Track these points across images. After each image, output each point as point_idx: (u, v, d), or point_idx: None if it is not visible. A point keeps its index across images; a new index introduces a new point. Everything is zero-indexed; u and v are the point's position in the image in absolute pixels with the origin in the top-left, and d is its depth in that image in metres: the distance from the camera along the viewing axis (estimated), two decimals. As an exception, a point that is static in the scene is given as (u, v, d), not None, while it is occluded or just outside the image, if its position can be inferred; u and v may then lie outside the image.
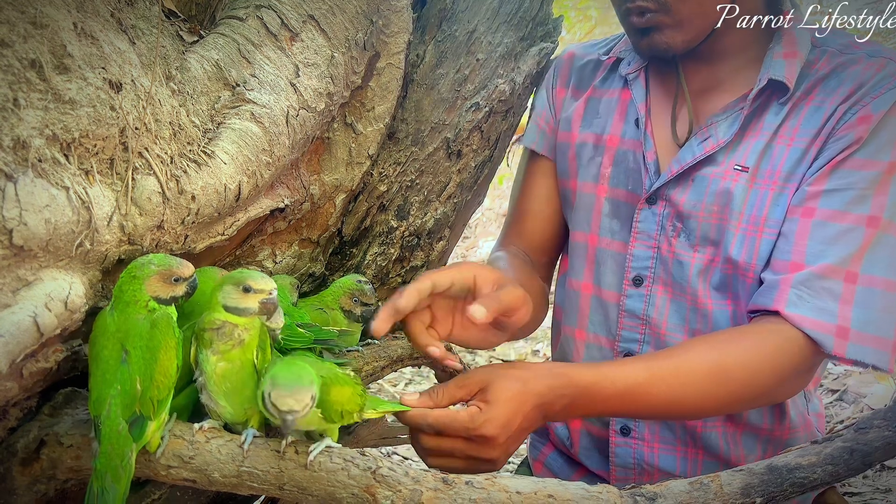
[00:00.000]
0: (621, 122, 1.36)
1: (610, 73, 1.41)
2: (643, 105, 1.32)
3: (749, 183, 1.21)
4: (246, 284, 0.91)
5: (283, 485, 0.90)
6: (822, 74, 1.20)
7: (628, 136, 1.34)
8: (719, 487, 0.89)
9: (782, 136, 1.20)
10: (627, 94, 1.36)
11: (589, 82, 1.43)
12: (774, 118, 1.21)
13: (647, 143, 1.30)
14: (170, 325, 0.89)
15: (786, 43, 1.21)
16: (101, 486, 0.85)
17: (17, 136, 0.77)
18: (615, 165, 1.34)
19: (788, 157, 1.19)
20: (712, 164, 1.23)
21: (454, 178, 1.41)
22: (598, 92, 1.41)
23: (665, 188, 1.27)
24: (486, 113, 1.37)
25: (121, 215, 0.89)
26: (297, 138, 1.12)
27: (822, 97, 1.19)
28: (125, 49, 0.90)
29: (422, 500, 0.87)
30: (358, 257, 1.42)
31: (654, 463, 1.33)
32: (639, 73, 1.34)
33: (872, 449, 0.87)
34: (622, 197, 1.33)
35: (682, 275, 1.27)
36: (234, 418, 0.95)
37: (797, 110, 1.20)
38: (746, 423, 1.30)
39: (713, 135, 1.24)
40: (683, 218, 1.26)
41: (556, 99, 1.46)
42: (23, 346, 0.79)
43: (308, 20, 1.12)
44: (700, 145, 1.24)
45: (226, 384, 0.93)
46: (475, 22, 1.37)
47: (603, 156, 1.36)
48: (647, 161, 1.30)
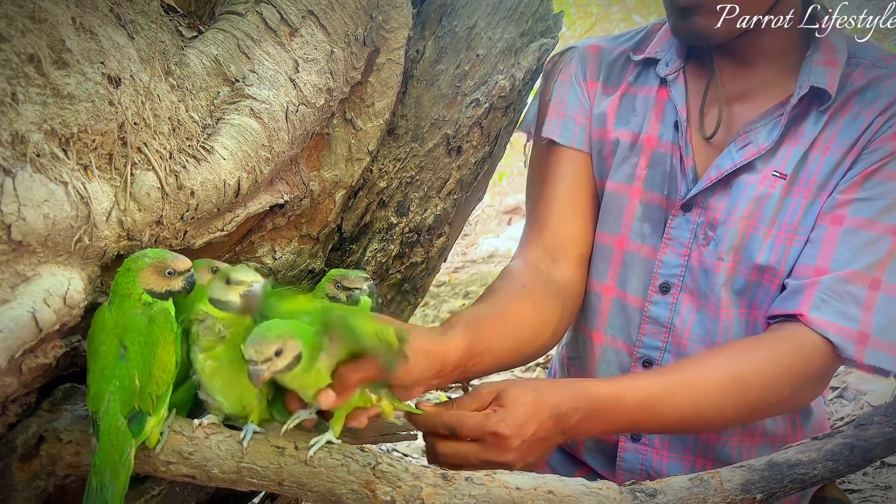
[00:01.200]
0: (658, 122, 1.32)
1: (643, 71, 1.37)
2: (684, 108, 1.28)
3: (785, 190, 1.20)
4: (229, 276, 0.91)
5: (282, 481, 0.90)
6: (857, 87, 1.20)
7: (665, 138, 1.31)
8: (720, 483, 0.89)
9: (818, 144, 1.20)
10: (664, 93, 1.33)
11: (620, 78, 1.39)
12: (814, 127, 1.21)
13: (687, 148, 1.27)
14: (168, 321, 0.89)
15: (825, 51, 1.21)
16: (101, 481, 0.85)
17: (15, 131, 0.77)
18: (651, 167, 1.31)
19: (823, 166, 1.19)
20: (751, 171, 1.22)
21: (454, 175, 1.41)
22: (633, 89, 1.37)
23: (702, 195, 1.25)
24: (487, 109, 1.37)
25: (120, 211, 0.89)
26: (297, 134, 1.12)
27: (857, 109, 1.19)
28: (124, 44, 0.90)
29: (421, 495, 0.87)
30: (358, 254, 1.42)
31: (661, 471, 1.32)
32: (677, 73, 1.31)
33: (873, 445, 0.87)
34: (656, 201, 1.31)
35: (708, 284, 1.26)
36: (232, 412, 0.95)
37: (834, 120, 1.20)
38: (762, 434, 1.29)
39: (753, 141, 1.22)
40: (717, 225, 1.24)
41: (590, 91, 1.41)
42: (21, 342, 0.79)
43: (307, 15, 1.12)
44: (739, 151, 1.23)
45: (217, 380, 0.93)
46: (475, 17, 1.36)
47: (640, 156, 1.32)
48: (685, 166, 1.27)
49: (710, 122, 1.28)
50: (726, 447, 1.29)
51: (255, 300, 0.91)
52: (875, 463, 2.04)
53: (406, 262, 1.45)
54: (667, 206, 1.29)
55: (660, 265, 1.29)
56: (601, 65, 1.41)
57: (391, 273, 1.45)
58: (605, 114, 1.37)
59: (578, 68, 1.42)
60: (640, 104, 1.35)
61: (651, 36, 1.40)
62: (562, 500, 0.88)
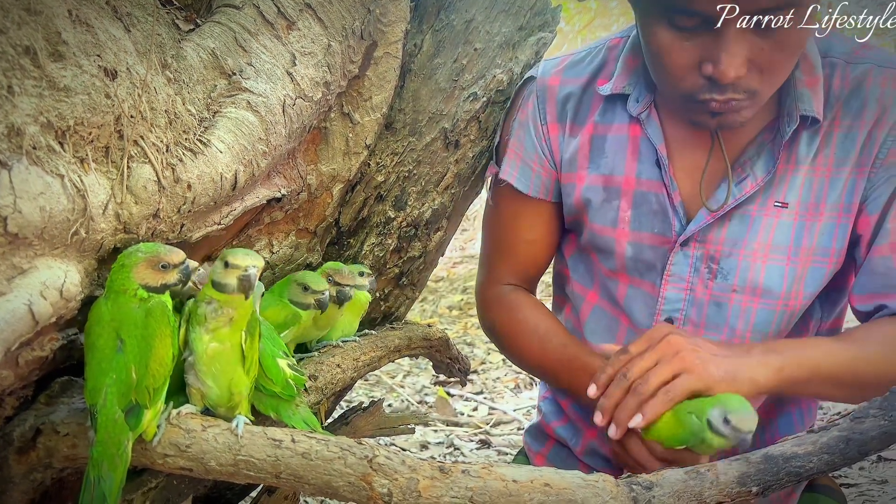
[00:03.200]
0: (634, 161, 1.27)
1: (610, 106, 1.29)
2: (663, 146, 1.24)
3: (793, 217, 1.20)
4: (226, 259, 0.91)
5: (279, 473, 0.90)
6: (839, 94, 1.18)
7: (645, 177, 1.26)
8: (715, 476, 0.89)
9: (819, 167, 1.19)
10: (636, 129, 1.27)
11: (586, 116, 1.31)
12: (807, 149, 1.19)
13: (673, 184, 1.24)
14: (165, 314, 0.89)
15: (804, 67, 1.17)
16: (98, 474, 0.85)
17: (11, 124, 0.77)
18: (635, 208, 1.27)
19: (830, 188, 1.19)
20: (751, 202, 1.21)
21: (452, 169, 1.40)
22: (601, 128, 1.30)
23: (699, 230, 1.23)
24: (484, 103, 1.37)
25: (116, 203, 0.89)
26: (294, 127, 1.12)
27: (848, 122, 1.18)
28: (120, 37, 0.90)
29: (418, 488, 0.87)
30: (355, 248, 1.42)
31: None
32: (649, 110, 1.25)
33: (868, 438, 0.87)
34: (646, 240, 1.28)
35: (720, 316, 1.25)
36: (218, 401, 0.95)
37: (828, 138, 1.18)
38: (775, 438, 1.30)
39: (750, 174, 1.20)
40: (720, 258, 1.23)
41: (551, 137, 1.34)
42: (18, 335, 0.79)
43: (305, 9, 1.11)
44: (738, 186, 1.20)
45: (215, 365, 0.93)
46: (473, 11, 1.36)
47: (619, 199, 1.28)
48: (674, 202, 1.24)
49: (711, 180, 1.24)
50: None
51: (249, 284, 0.91)
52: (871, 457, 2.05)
53: (404, 257, 1.45)
54: (660, 244, 1.27)
55: (662, 301, 1.28)
56: (564, 103, 1.33)
57: (389, 267, 1.45)
58: (574, 159, 1.32)
59: (537, 109, 1.34)
60: (611, 145, 1.29)
61: (610, 62, 1.31)
62: (558, 492, 0.88)
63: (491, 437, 2.90)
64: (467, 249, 5.81)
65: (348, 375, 1.25)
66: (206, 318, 0.92)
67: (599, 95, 1.30)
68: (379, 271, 1.44)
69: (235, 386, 0.94)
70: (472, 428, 3.00)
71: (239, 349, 0.93)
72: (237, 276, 0.91)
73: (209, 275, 0.94)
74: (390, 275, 1.46)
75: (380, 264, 1.43)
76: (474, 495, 0.87)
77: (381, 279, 1.45)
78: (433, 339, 1.50)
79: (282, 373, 1.02)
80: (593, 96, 1.31)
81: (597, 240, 1.33)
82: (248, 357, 0.95)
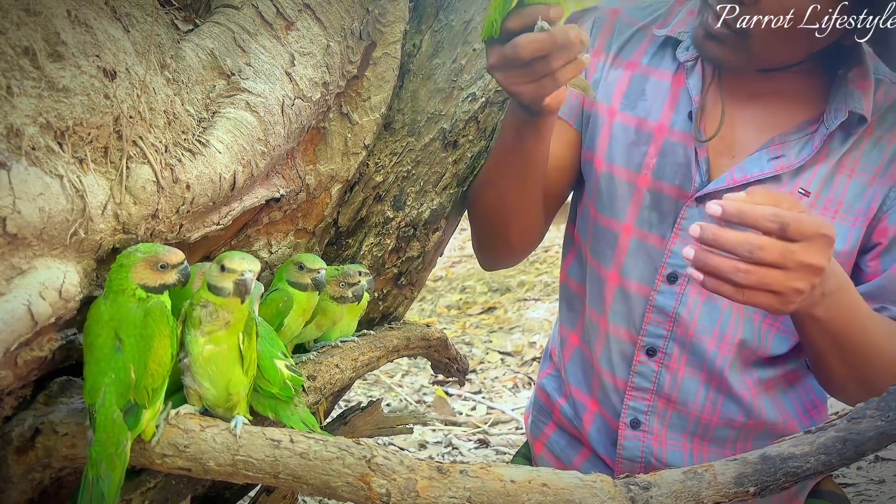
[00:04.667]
0: (671, 111, 1.28)
1: (660, 50, 1.31)
2: (699, 98, 1.25)
3: (809, 207, 1.20)
4: (223, 263, 0.91)
5: (278, 473, 0.90)
6: (880, 108, 1.20)
7: (678, 128, 1.27)
8: (713, 477, 0.89)
9: (844, 166, 1.21)
10: (680, 79, 1.28)
11: (632, 53, 1.33)
12: (840, 146, 1.21)
13: (701, 136, 1.25)
14: (164, 314, 0.89)
15: (858, 71, 1.19)
16: (97, 474, 0.85)
17: (10, 124, 0.77)
18: (661, 157, 1.28)
19: (850, 188, 1.20)
20: (776, 182, 1.21)
21: (450, 169, 1.41)
22: (644, 69, 1.32)
23: (718, 192, 1.23)
24: (483, 104, 1.37)
25: (115, 204, 0.89)
26: (293, 128, 1.12)
27: (880, 133, 1.20)
28: (119, 37, 0.90)
29: (417, 488, 0.88)
30: (354, 248, 1.42)
31: (662, 457, 1.32)
32: (696, 61, 1.26)
33: (865, 438, 0.88)
34: (666, 191, 1.28)
35: None
36: (216, 402, 0.95)
37: (858, 142, 1.21)
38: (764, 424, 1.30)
39: (786, 154, 1.21)
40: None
41: (593, 61, 1.35)
42: (17, 335, 0.79)
43: (304, 9, 1.12)
44: (770, 162, 1.21)
45: (211, 367, 0.93)
46: (472, 11, 1.36)
47: (649, 144, 1.29)
48: (699, 157, 1.25)
49: (711, 114, 1.26)
50: (725, 430, 1.30)
51: (245, 289, 0.91)
52: (869, 457, 2.05)
53: (402, 257, 1.45)
54: (677, 196, 1.27)
55: (669, 254, 1.28)
56: (615, 33, 1.35)
57: (387, 267, 1.45)
58: (611, 92, 1.33)
59: (588, 30, 1.36)
60: (652, 89, 1.31)
61: (674, 10, 1.34)
62: (556, 492, 0.88)
63: (489, 436, 2.91)
64: (466, 249, 5.81)
65: (347, 375, 1.25)
66: (202, 320, 0.92)
67: (653, 36, 1.32)
68: (377, 271, 1.44)
69: (233, 387, 0.95)
70: (470, 427, 3.00)
71: (236, 350, 0.93)
72: (233, 281, 0.91)
73: (205, 277, 0.94)
74: (389, 275, 1.47)
75: (378, 264, 1.44)
76: (472, 495, 0.87)
77: (379, 279, 1.46)
78: (431, 338, 1.50)
79: (279, 374, 1.02)
80: (646, 36, 1.34)
81: (614, 186, 1.32)
82: (247, 357, 0.95)
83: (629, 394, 1.33)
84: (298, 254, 1.22)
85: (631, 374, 1.33)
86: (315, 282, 1.15)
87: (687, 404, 1.30)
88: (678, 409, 1.31)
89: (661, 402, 1.32)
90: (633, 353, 1.33)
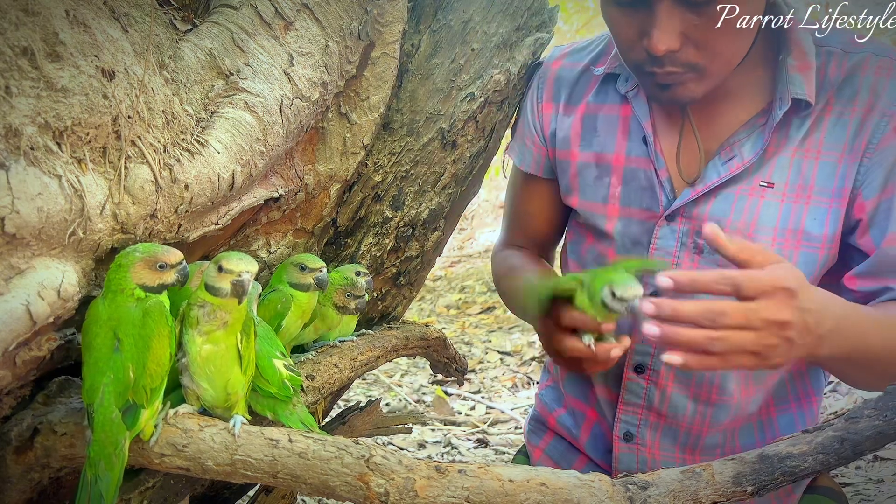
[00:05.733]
0: (625, 140, 1.32)
1: (603, 87, 1.35)
2: (649, 124, 1.28)
3: (779, 198, 1.20)
4: (220, 264, 0.91)
5: (276, 473, 0.90)
6: (834, 80, 1.19)
7: (635, 154, 1.30)
8: (711, 476, 0.89)
9: (809, 150, 1.20)
10: (627, 109, 1.32)
11: (581, 96, 1.38)
12: (797, 132, 1.20)
13: (659, 160, 1.27)
14: (162, 314, 0.89)
15: (796, 54, 1.19)
16: (95, 473, 0.85)
17: (8, 124, 0.77)
18: (625, 184, 1.31)
19: (819, 171, 1.19)
20: (737, 182, 1.22)
21: (449, 169, 1.41)
22: (593, 108, 1.36)
23: (685, 205, 1.25)
24: (482, 103, 1.37)
25: (114, 204, 0.89)
26: (291, 127, 1.12)
27: (840, 108, 1.18)
28: (118, 37, 0.90)
29: (415, 487, 0.88)
30: (353, 247, 1.42)
31: (656, 469, 1.32)
32: (637, 89, 1.29)
33: (863, 438, 0.88)
34: (636, 215, 1.31)
35: None
36: (214, 402, 0.95)
37: (818, 122, 1.19)
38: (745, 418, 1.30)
39: (738, 154, 1.22)
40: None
41: (543, 115, 1.41)
42: (15, 335, 0.79)
43: (302, 9, 1.12)
44: (725, 165, 1.22)
45: (209, 367, 0.93)
46: (470, 11, 1.36)
47: (611, 175, 1.33)
48: (660, 178, 1.27)
49: (689, 152, 1.26)
50: (714, 437, 1.30)
51: (243, 290, 0.92)
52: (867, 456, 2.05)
53: (401, 256, 1.46)
54: (648, 219, 1.29)
55: None
56: (561, 83, 1.40)
57: (386, 267, 1.45)
58: (568, 137, 1.38)
59: (536, 89, 1.42)
60: (602, 124, 1.34)
61: (611, 48, 1.36)
62: (554, 492, 0.88)
63: (488, 436, 2.91)
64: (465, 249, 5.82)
65: (346, 375, 1.25)
66: (199, 321, 0.92)
67: (595, 77, 1.36)
68: (376, 271, 1.44)
69: (231, 386, 0.95)
70: (469, 427, 3.01)
71: (234, 350, 0.94)
72: (231, 281, 0.91)
73: (203, 278, 0.94)
74: (388, 274, 1.47)
75: (377, 264, 1.44)
76: (471, 495, 0.87)
77: (378, 279, 1.46)
78: (431, 338, 1.50)
79: (278, 373, 1.02)
80: (590, 79, 1.38)
81: (589, 219, 1.37)
82: (245, 357, 0.95)
83: (621, 408, 1.35)
84: (297, 255, 1.22)
85: (621, 389, 1.34)
86: (318, 281, 1.16)
87: (677, 417, 1.31)
88: (669, 422, 1.32)
89: (652, 416, 1.33)
90: (623, 367, 1.33)
